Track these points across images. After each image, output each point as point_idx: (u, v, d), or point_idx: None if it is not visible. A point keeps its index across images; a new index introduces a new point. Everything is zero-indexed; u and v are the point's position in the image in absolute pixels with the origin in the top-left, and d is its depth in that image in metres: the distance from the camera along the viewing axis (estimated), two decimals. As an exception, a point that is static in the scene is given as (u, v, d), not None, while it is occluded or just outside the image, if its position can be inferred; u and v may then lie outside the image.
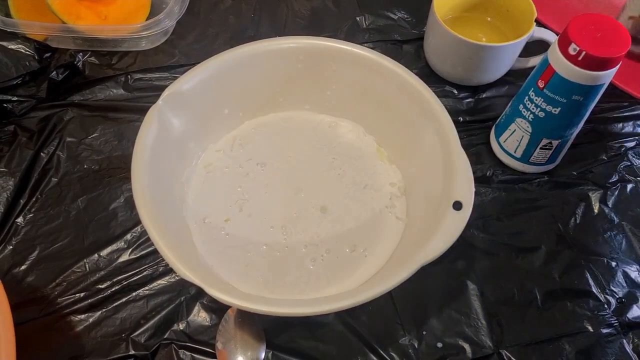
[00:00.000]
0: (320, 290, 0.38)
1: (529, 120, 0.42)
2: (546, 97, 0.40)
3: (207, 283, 0.31)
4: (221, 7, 0.57)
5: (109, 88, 0.50)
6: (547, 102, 0.40)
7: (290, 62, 0.43)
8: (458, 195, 0.35)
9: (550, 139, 0.42)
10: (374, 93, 0.43)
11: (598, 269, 0.42)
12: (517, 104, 0.43)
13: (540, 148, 0.43)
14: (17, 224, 0.42)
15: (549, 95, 0.39)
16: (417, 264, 0.32)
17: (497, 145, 0.46)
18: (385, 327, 0.39)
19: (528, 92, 0.41)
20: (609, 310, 0.40)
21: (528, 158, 0.45)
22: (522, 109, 0.42)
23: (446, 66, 0.50)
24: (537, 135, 0.43)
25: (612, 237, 0.44)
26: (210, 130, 0.44)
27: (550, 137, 0.42)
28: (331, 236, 0.41)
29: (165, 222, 0.35)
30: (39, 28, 0.49)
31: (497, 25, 0.52)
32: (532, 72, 0.42)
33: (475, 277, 0.41)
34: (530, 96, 0.41)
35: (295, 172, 0.44)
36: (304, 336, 0.38)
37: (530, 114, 0.42)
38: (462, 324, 0.39)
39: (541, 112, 0.41)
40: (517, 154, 0.45)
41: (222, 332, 0.37)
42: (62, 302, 0.39)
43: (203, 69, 0.40)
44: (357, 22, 0.56)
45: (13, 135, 0.47)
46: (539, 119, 0.41)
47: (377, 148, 0.46)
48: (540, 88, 0.40)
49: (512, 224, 0.44)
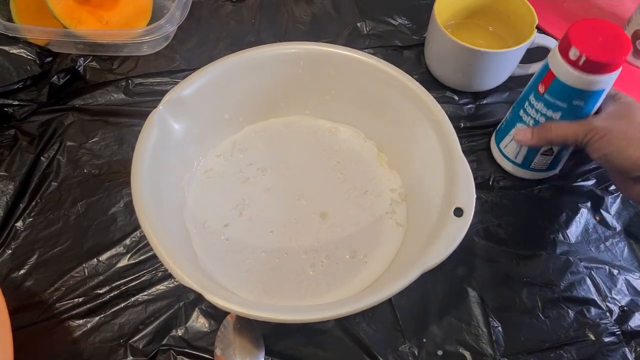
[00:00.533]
0: (320, 297, 0.38)
1: (529, 125, 0.42)
2: (546, 102, 0.39)
3: (206, 289, 0.31)
4: (222, 12, 0.57)
5: (109, 93, 0.50)
6: (548, 107, 0.40)
7: (290, 67, 0.43)
8: (459, 201, 0.35)
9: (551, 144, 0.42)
10: (375, 98, 0.43)
11: (600, 276, 0.41)
12: (518, 110, 0.43)
13: (541, 154, 0.43)
14: (16, 228, 0.42)
15: (549, 100, 0.39)
16: (417, 271, 0.32)
17: (498, 151, 0.46)
18: (385, 334, 0.38)
19: (528, 97, 0.41)
20: (611, 318, 0.40)
21: (529, 164, 0.44)
22: (522, 114, 0.42)
23: (447, 72, 0.50)
24: None
25: (613, 244, 0.43)
26: (211, 135, 0.44)
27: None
28: (331, 242, 0.41)
29: (164, 227, 0.35)
30: (41, 32, 0.49)
31: (498, 32, 0.52)
32: (533, 77, 0.41)
33: (476, 284, 0.41)
34: (531, 101, 0.41)
35: (296, 178, 0.44)
36: (303, 343, 0.38)
37: (530, 119, 0.41)
38: (463, 332, 0.39)
39: (542, 117, 0.40)
40: (518, 160, 0.45)
41: (221, 338, 0.37)
42: (61, 307, 0.39)
43: (204, 74, 0.40)
44: (357, 28, 0.56)
45: (14, 139, 0.47)
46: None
47: (377, 153, 0.46)
48: (541, 93, 0.39)
49: (512, 231, 0.43)
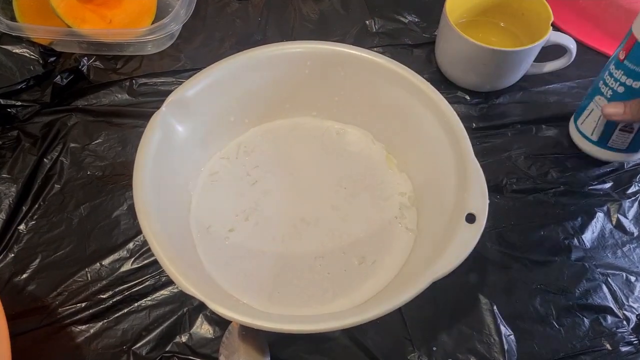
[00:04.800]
0: (326, 304, 0.37)
1: (607, 97, 0.39)
2: (626, 70, 0.37)
3: (209, 297, 0.30)
4: (228, 10, 0.56)
5: (113, 93, 0.49)
6: (627, 74, 0.37)
7: (297, 67, 0.42)
8: (471, 207, 0.33)
9: None
10: (383, 99, 0.42)
11: (616, 283, 0.40)
12: (598, 81, 0.41)
13: (620, 130, 0.40)
14: (19, 231, 0.42)
15: (629, 67, 0.37)
16: (428, 279, 0.31)
17: (575, 129, 0.44)
18: (394, 342, 0.37)
19: (609, 66, 0.39)
20: (628, 327, 0.38)
21: (606, 142, 0.42)
22: (601, 85, 0.40)
23: (458, 71, 0.49)
24: None
25: (631, 250, 0.42)
26: (216, 136, 0.43)
27: None
28: (338, 247, 0.40)
29: (167, 232, 0.34)
30: (44, 32, 0.49)
31: (512, 30, 0.51)
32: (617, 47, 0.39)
33: (488, 290, 0.39)
34: (611, 70, 0.39)
35: (302, 181, 0.43)
36: (309, 350, 0.37)
37: (609, 90, 0.39)
38: (474, 340, 0.38)
39: (620, 86, 0.38)
40: (594, 137, 0.42)
41: (226, 345, 0.36)
42: (63, 312, 0.38)
43: (208, 75, 0.40)
44: (366, 26, 0.55)
45: (17, 140, 0.46)
46: (618, 95, 0.39)
47: (386, 156, 0.44)
48: (621, 59, 0.37)
49: (526, 236, 0.42)
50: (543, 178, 0.45)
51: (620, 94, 0.39)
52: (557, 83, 0.51)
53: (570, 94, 0.51)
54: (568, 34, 0.47)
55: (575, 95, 0.50)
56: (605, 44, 0.54)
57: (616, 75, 0.38)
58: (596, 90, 0.41)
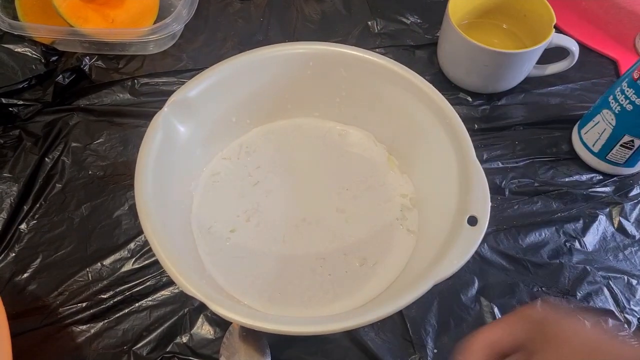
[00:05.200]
0: (327, 305, 0.37)
1: (615, 112, 0.40)
2: (638, 89, 0.38)
3: (210, 298, 0.30)
4: (230, 10, 0.56)
5: (115, 92, 0.49)
6: (638, 94, 0.38)
7: (299, 68, 0.42)
8: (473, 209, 0.33)
9: (633, 137, 0.40)
10: (385, 100, 0.42)
11: (618, 286, 0.40)
12: (608, 95, 0.41)
13: (621, 145, 0.41)
14: (20, 231, 0.42)
15: None
16: (429, 282, 0.31)
17: (578, 138, 0.45)
18: (395, 344, 0.37)
19: (621, 83, 0.40)
20: (629, 330, 0.38)
21: (605, 154, 0.43)
22: (611, 99, 0.41)
23: (460, 73, 0.49)
24: (619, 130, 0.41)
25: (632, 253, 0.42)
26: (217, 137, 0.43)
27: (633, 134, 0.41)
28: (340, 248, 0.40)
29: (168, 233, 0.34)
30: (46, 31, 0.49)
31: (514, 32, 0.50)
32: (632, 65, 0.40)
33: (489, 293, 0.39)
34: (623, 87, 0.39)
35: (304, 182, 0.43)
36: (310, 351, 0.37)
37: (618, 105, 0.40)
38: (475, 342, 0.37)
39: (629, 104, 0.39)
40: (595, 148, 0.43)
41: (226, 346, 0.36)
42: (64, 312, 0.38)
43: (210, 75, 0.39)
44: (368, 27, 0.55)
45: (18, 139, 0.46)
46: (626, 113, 0.40)
47: (387, 157, 0.44)
48: (635, 79, 0.38)
49: (527, 238, 0.42)
50: (545, 180, 0.45)
51: (628, 112, 0.40)
52: (559, 85, 0.51)
53: (572, 96, 0.50)
54: (570, 36, 0.47)
55: (577, 97, 0.50)
56: (608, 46, 0.54)
57: (627, 93, 0.39)
58: (605, 104, 0.42)
